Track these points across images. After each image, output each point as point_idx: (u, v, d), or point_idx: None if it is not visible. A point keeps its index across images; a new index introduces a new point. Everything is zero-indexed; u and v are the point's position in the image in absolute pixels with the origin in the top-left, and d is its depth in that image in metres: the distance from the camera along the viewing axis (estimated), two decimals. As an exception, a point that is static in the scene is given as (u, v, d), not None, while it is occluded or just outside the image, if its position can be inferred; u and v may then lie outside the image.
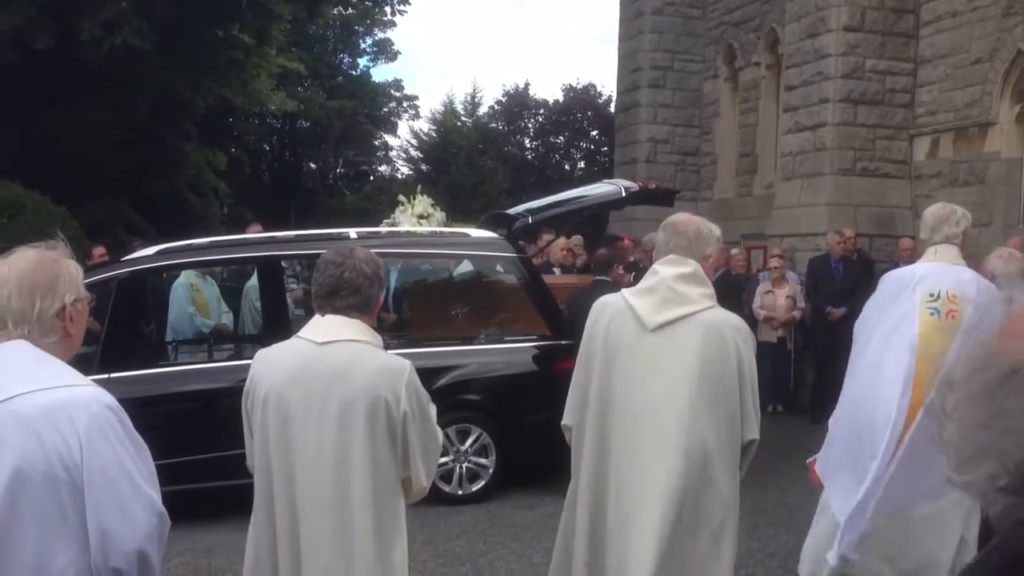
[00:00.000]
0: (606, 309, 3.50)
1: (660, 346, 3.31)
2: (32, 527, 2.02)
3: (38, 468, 2.01)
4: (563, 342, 6.99)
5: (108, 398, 2.14)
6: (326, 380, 2.77)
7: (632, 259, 9.81)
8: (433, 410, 2.96)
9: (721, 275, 9.28)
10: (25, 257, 2.20)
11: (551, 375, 6.86)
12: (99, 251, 9.44)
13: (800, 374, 11.35)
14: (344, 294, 2.83)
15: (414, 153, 38.67)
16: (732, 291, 10.02)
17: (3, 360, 2.12)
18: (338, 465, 2.77)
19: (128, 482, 2.09)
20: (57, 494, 2.03)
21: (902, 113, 12.60)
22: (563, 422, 3.61)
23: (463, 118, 38.55)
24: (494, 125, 37.62)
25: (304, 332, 2.89)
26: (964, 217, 4.28)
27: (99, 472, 2.05)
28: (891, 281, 4.40)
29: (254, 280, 8.89)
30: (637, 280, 7.34)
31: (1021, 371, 0.87)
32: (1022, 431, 0.85)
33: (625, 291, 3.54)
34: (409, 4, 25.49)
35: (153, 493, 2.16)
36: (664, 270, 3.40)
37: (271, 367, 2.88)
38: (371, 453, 2.77)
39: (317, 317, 2.89)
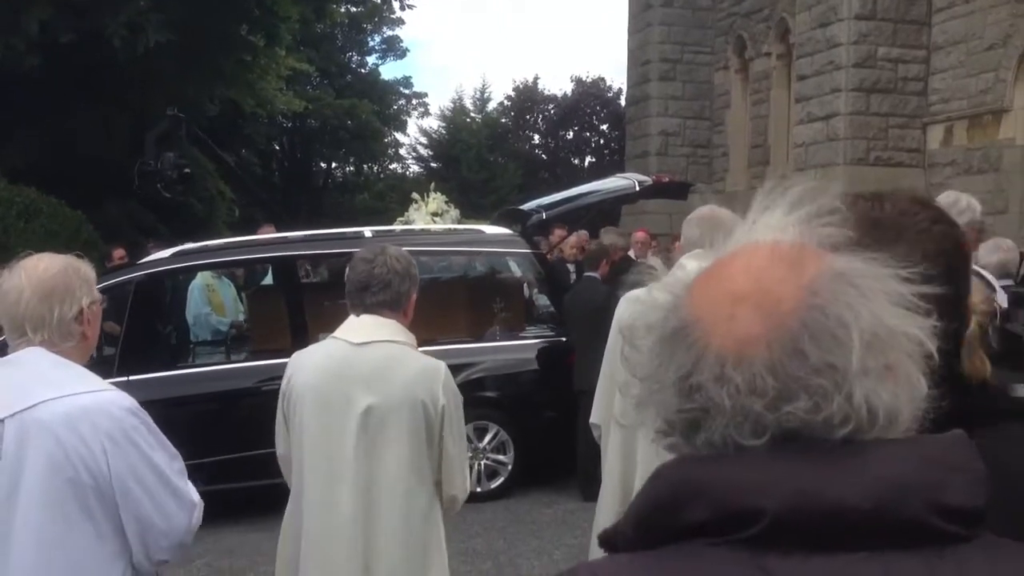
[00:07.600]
0: (630, 305, 3.48)
1: None
2: (62, 531, 2.04)
3: (64, 474, 2.03)
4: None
5: (128, 401, 2.16)
6: (364, 382, 2.77)
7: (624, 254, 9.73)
8: (462, 416, 2.95)
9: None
10: (40, 262, 2.20)
11: (567, 371, 6.85)
12: (119, 253, 9.48)
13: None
14: (374, 290, 2.82)
15: (424, 151, 38.71)
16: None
17: (23, 367, 2.13)
18: (377, 466, 2.77)
19: (159, 480, 2.13)
20: (84, 498, 2.05)
21: (915, 101, 12.55)
22: (591, 420, 3.62)
23: (472, 114, 38.52)
24: (504, 120, 37.58)
25: (340, 332, 2.88)
26: (969, 209, 3.98)
27: (129, 475, 2.08)
28: None
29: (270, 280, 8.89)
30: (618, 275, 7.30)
31: (686, 329, 0.85)
32: (671, 390, 0.85)
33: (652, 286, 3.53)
34: (413, 6, 25.49)
35: (184, 486, 2.20)
36: (692, 264, 3.37)
37: (308, 368, 2.87)
38: (410, 454, 2.78)
39: (352, 317, 2.88)
